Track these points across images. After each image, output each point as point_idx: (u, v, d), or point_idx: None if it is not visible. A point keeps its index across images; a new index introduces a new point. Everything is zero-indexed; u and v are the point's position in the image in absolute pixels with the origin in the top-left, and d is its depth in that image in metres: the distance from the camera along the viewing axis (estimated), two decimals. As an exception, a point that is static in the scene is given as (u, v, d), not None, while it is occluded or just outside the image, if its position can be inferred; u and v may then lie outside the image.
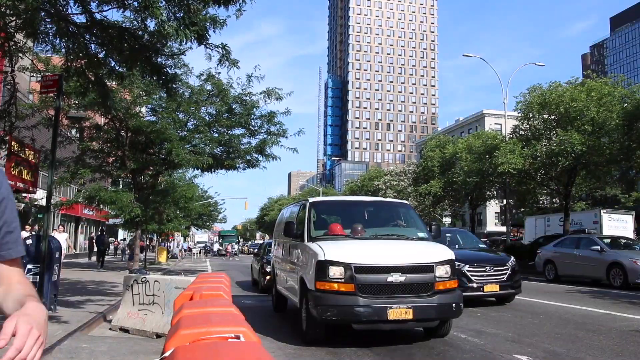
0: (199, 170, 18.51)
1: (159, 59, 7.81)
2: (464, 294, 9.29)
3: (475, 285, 9.99)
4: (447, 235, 12.03)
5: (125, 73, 7.47)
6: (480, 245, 12.60)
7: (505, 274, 10.33)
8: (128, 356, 5.93)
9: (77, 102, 15.26)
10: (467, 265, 10.09)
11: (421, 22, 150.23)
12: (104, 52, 6.91)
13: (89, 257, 31.58)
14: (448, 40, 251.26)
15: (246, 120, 16.95)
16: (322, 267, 6.36)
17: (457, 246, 11.67)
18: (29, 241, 7.99)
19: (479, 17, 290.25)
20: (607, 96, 23.83)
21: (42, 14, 5.68)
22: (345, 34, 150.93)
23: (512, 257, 11.07)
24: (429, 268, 6.50)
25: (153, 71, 7.44)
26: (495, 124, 56.06)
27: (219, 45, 7.15)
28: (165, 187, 22.16)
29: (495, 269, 10.31)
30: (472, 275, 10.07)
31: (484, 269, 10.22)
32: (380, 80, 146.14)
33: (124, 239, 38.26)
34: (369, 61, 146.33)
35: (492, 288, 10.08)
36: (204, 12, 6.74)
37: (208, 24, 6.85)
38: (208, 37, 6.79)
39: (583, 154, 23.58)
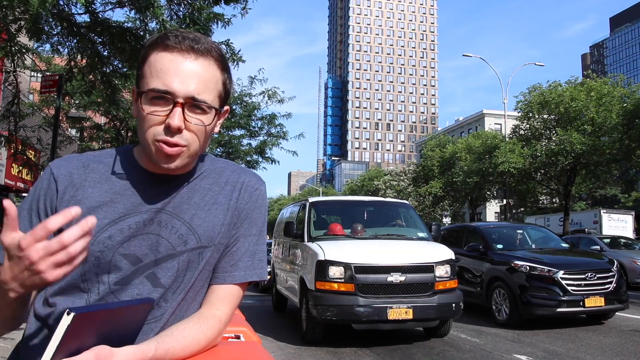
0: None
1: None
2: (557, 309, 7.44)
3: (572, 298, 7.50)
4: (517, 231, 10.00)
5: (129, 72, 7.49)
6: (563, 245, 9.74)
7: (610, 282, 7.79)
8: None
9: (77, 102, 15.27)
10: (562, 272, 7.63)
11: (421, 22, 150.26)
12: (107, 51, 6.93)
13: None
14: (447, 42, 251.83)
15: (246, 121, 16.98)
16: (322, 267, 6.37)
17: (533, 246, 9.44)
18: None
19: (478, 18, 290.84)
20: (607, 96, 23.91)
21: (43, 13, 5.70)
22: (345, 34, 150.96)
23: (616, 262, 8.50)
24: (429, 268, 6.51)
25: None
26: (495, 124, 56.07)
27: (222, 42, 7.17)
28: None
29: (598, 276, 7.76)
30: (568, 284, 7.56)
31: (583, 277, 7.67)
32: (380, 80, 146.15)
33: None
34: (369, 61, 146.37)
35: (595, 302, 7.54)
36: (208, 11, 6.75)
37: (213, 21, 6.85)
38: (210, 35, 6.81)
39: (583, 154, 23.63)
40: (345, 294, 6.27)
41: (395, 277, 6.32)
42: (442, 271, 6.57)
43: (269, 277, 10.68)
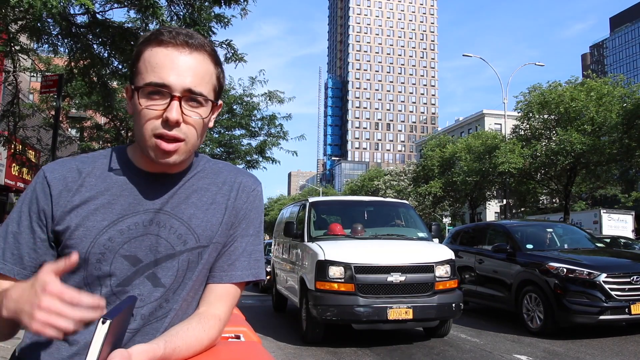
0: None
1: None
2: (600, 317, 6.61)
3: (617, 304, 6.60)
4: (547, 230, 9.09)
5: (129, 72, 7.51)
6: (599, 245, 8.87)
7: None
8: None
9: (77, 102, 15.29)
10: (604, 274, 6.71)
11: (421, 22, 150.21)
12: (106, 52, 6.93)
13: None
14: (447, 42, 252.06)
15: (247, 121, 16.99)
16: (322, 267, 6.37)
17: (565, 245, 8.59)
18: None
19: (478, 18, 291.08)
20: (607, 96, 23.90)
21: (44, 13, 5.70)
22: (345, 34, 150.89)
23: None
24: (428, 268, 6.51)
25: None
26: (495, 124, 56.04)
27: (223, 42, 7.18)
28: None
29: None
30: (611, 289, 6.65)
31: (628, 280, 6.72)
32: (380, 80, 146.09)
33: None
34: (369, 61, 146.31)
35: None
36: (209, 12, 6.76)
37: (213, 22, 6.86)
38: (210, 35, 6.81)
39: (583, 154, 23.61)
40: (345, 294, 6.27)
41: (395, 277, 6.32)
42: (442, 271, 6.57)
43: (268, 277, 10.68)
